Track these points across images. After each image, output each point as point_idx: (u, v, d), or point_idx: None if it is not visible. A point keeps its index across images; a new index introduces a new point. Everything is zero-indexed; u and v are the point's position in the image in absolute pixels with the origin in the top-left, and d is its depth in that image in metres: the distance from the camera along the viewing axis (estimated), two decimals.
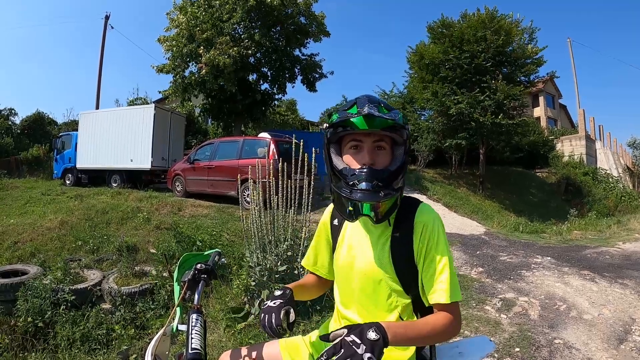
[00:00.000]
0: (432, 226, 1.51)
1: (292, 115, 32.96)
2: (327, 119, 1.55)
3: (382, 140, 1.48)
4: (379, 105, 1.43)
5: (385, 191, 1.42)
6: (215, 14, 17.47)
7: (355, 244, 1.64)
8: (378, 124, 1.39)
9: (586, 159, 29.46)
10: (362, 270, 1.58)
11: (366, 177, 1.41)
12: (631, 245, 9.30)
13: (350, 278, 1.63)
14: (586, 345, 4.26)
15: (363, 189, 1.41)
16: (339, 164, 1.51)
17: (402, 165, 1.48)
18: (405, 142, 1.50)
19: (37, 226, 9.13)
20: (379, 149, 1.48)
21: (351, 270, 1.62)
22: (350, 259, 1.64)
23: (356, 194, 1.41)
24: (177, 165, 14.30)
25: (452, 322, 1.41)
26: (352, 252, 1.64)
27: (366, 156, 1.46)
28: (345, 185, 1.45)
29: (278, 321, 1.44)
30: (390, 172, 1.46)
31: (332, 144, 1.55)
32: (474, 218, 15.23)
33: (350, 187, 1.43)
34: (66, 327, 5.44)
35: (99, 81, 27.02)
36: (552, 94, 43.25)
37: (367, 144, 1.47)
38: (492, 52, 19.79)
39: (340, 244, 1.71)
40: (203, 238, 6.94)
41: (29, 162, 23.06)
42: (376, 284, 1.56)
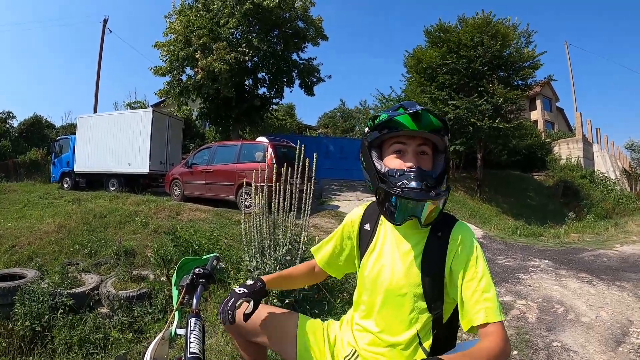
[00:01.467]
0: (471, 243, 1.48)
1: (290, 119, 32.99)
2: (370, 122, 1.53)
3: (426, 145, 1.48)
4: (426, 110, 1.43)
5: (435, 190, 1.42)
6: (213, 18, 17.47)
7: (385, 254, 1.61)
8: (425, 124, 1.41)
9: (583, 161, 29.51)
10: (389, 281, 1.55)
11: (415, 177, 1.41)
12: (629, 247, 9.31)
13: (375, 289, 1.59)
14: (584, 347, 4.26)
15: (414, 188, 1.40)
16: (383, 168, 1.50)
17: (442, 172, 1.50)
18: (446, 149, 1.51)
19: (35, 230, 9.13)
20: (422, 153, 1.49)
21: (377, 280, 1.59)
22: (378, 269, 1.60)
23: (408, 193, 1.39)
24: (175, 170, 14.31)
25: (505, 343, 1.32)
26: (381, 262, 1.60)
27: (412, 159, 1.47)
28: (394, 186, 1.43)
29: (232, 307, 1.49)
30: (439, 175, 1.48)
31: (373, 148, 1.55)
32: (471, 222, 15.22)
33: (401, 187, 1.41)
34: (64, 331, 5.43)
35: (97, 85, 27.06)
36: (549, 97, 43.35)
37: (412, 147, 1.48)
38: (489, 57, 19.85)
39: (370, 252, 1.66)
40: (201, 242, 6.93)
41: (26, 165, 23.05)
42: (401, 297, 1.52)
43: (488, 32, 20.01)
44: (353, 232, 1.77)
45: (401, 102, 1.52)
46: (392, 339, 1.53)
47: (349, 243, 1.79)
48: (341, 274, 1.89)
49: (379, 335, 1.56)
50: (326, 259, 1.86)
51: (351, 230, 1.78)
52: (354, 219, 1.79)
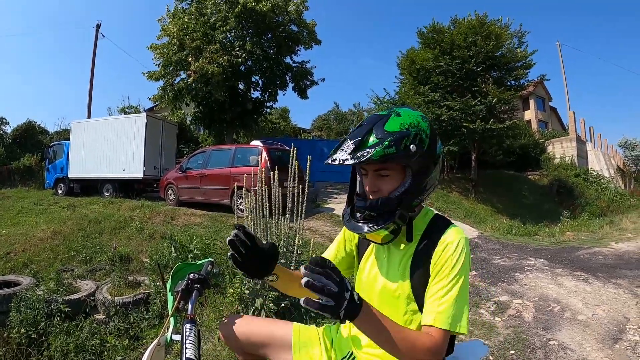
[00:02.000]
0: (456, 247, 1.44)
1: (284, 122, 33.02)
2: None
3: (383, 169, 1.46)
4: (365, 136, 1.39)
5: (374, 223, 1.45)
6: (207, 22, 17.47)
7: (379, 259, 1.63)
8: (372, 160, 1.36)
9: (577, 160, 29.61)
10: (383, 284, 1.57)
11: (359, 207, 1.51)
12: (624, 245, 9.35)
13: (371, 291, 1.61)
14: (581, 345, 4.28)
15: (355, 219, 1.53)
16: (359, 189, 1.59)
17: (407, 189, 1.46)
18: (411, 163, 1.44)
19: (30, 236, 9.10)
20: (382, 176, 1.47)
21: (374, 284, 1.61)
22: (375, 273, 1.63)
23: (348, 224, 1.54)
24: (170, 174, 14.25)
25: (428, 348, 1.32)
26: (377, 265, 1.63)
27: (369, 184, 1.49)
28: (347, 211, 1.58)
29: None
30: (390, 199, 1.45)
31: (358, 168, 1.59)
32: (466, 222, 15.28)
33: (349, 215, 1.56)
34: (60, 338, 5.41)
35: (90, 90, 26.97)
36: (542, 97, 43.50)
37: (370, 171, 1.49)
38: (483, 57, 19.92)
39: (368, 256, 1.69)
40: (197, 247, 6.92)
41: (20, 171, 22.95)
42: (395, 299, 1.54)
43: (481, 32, 20.08)
44: (355, 237, 1.79)
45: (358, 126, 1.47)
46: None
47: (350, 247, 1.80)
48: None
49: None
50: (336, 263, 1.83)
51: (353, 235, 1.80)
52: None
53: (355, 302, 1.17)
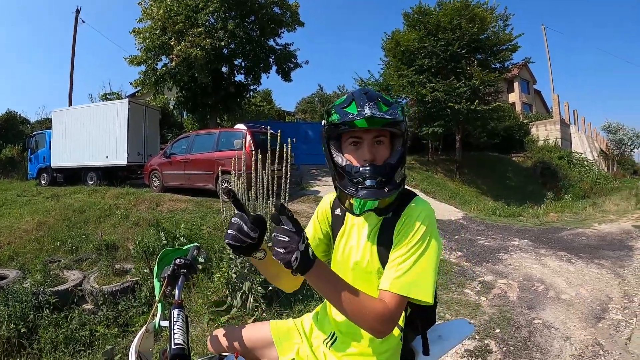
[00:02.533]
0: (417, 216, 1.46)
1: (268, 105, 32.85)
2: (325, 116, 1.54)
3: (382, 135, 1.48)
4: (377, 102, 1.42)
5: (389, 187, 1.44)
6: (189, 4, 17.27)
7: (353, 235, 1.64)
8: (377, 123, 1.40)
9: (561, 142, 29.91)
10: (355, 260, 1.59)
11: (370, 174, 1.43)
12: (606, 226, 9.49)
13: (346, 269, 1.62)
14: (564, 324, 4.35)
15: (368, 186, 1.43)
16: (341, 161, 1.51)
17: (401, 157, 1.50)
18: (403, 134, 1.50)
19: (14, 229, 9.00)
20: (378, 143, 1.48)
21: (347, 262, 1.62)
22: (348, 251, 1.63)
23: (362, 192, 1.43)
24: (154, 160, 14.17)
25: (380, 312, 1.33)
26: (350, 243, 1.64)
27: (366, 152, 1.46)
28: (350, 183, 1.47)
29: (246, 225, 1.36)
30: (391, 165, 1.47)
31: (332, 140, 1.55)
32: (451, 203, 15.38)
33: (355, 185, 1.45)
34: (49, 330, 5.38)
35: (71, 77, 26.58)
36: (526, 80, 43.74)
37: (367, 140, 1.47)
38: (467, 40, 19.96)
39: (341, 235, 1.69)
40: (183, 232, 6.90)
41: (2, 163, 22.61)
42: (367, 274, 1.55)
43: (466, 15, 20.09)
44: (328, 218, 1.79)
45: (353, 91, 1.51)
46: None
47: (325, 228, 1.79)
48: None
49: None
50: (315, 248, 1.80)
51: (325, 216, 1.79)
52: (325, 206, 1.81)
53: (308, 257, 1.21)
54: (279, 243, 1.17)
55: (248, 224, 1.33)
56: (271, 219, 1.21)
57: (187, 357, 1.27)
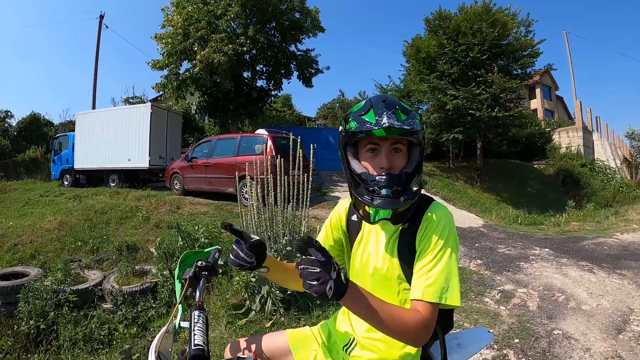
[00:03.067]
0: (438, 222, 1.48)
1: (289, 110, 32.97)
2: (343, 123, 1.54)
3: (399, 143, 1.48)
4: (396, 111, 1.42)
5: (404, 196, 1.44)
6: (210, 11, 17.44)
7: (371, 241, 1.63)
8: (394, 132, 1.40)
9: (583, 150, 29.49)
10: (374, 266, 1.58)
11: (386, 183, 1.43)
12: (629, 235, 9.33)
13: (364, 276, 1.62)
14: (585, 335, 4.29)
15: (384, 196, 1.42)
16: (358, 168, 1.51)
17: (417, 166, 1.49)
18: (421, 142, 1.50)
19: (37, 228, 9.15)
20: (396, 151, 1.49)
21: (366, 268, 1.62)
22: (366, 257, 1.63)
23: (377, 201, 1.43)
24: (175, 164, 14.31)
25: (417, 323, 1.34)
26: (368, 249, 1.63)
27: (384, 160, 1.47)
28: (365, 191, 1.47)
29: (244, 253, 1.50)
30: (408, 174, 1.47)
31: (349, 146, 1.55)
32: (472, 211, 15.25)
33: (371, 194, 1.45)
34: (68, 327, 5.46)
35: (94, 81, 26.95)
36: (548, 86, 43.27)
37: (385, 147, 1.47)
38: (488, 45, 19.80)
39: (359, 242, 1.69)
40: (203, 235, 6.95)
41: (26, 164, 23.01)
42: (387, 281, 1.56)
43: (487, 20, 19.95)
44: (342, 224, 1.79)
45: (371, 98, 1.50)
46: None
47: (338, 234, 1.80)
48: None
49: None
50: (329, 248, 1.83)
51: (339, 223, 1.79)
52: (340, 212, 1.81)
53: (341, 282, 1.20)
54: (311, 275, 1.16)
55: (244, 250, 1.47)
56: (298, 250, 1.20)
57: (206, 358, 1.28)
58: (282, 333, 1.85)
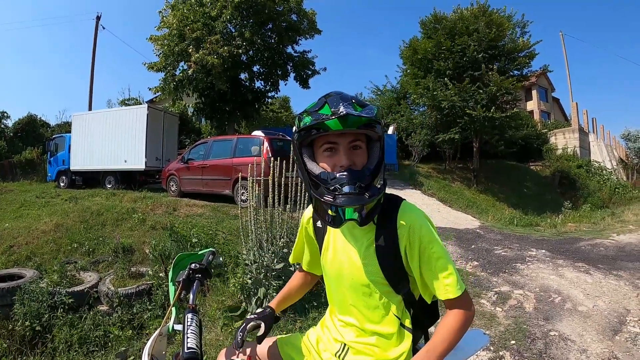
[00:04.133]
0: (420, 226, 1.47)
1: (286, 112, 32.96)
2: (297, 122, 1.48)
3: (358, 140, 1.43)
4: (352, 103, 1.36)
5: (369, 192, 1.37)
6: (206, 12, 17.45)
7: (340, 249, 1.60)
8: (352, 123, 1.34)
9: (580, 151, 29.55)
10: (351, 275, 1.56)
11: (348, 180, 1.35)
12: (625, 236, 9.35)
13: (341, 283, 1.61)
14: (581, 336, 4.29)
15: (347, 193, 1.35)
16: (315, 169, 1.44)
17: (379, 162, 1.44)
18: (380, 138, 1.45)
19: (32, 229, 9.12)
20: (355, 148, 1.43)
21: (341, 276, 1.60)
22: (337, 265, 1.60)
23: (340, 199, 1.35)
24: (171, 165, 14.29)
25: (466, 314, 1.46)
26: (339, 258, 1.60)
27: (343, 158, 1.40)
28: (326, 191, 1.38)
29: (242, 330, 1.65)
30: (371, 170, 1.41)
31: (304, 148, 1.49)
32: (468, 212, 15.26)
33: (333, 193, 1.37)
34: (64, 330, 5.44)
35: (91, 82, 26.95)
36: (545, 88, 43.40)
37: (343, 145, 1.41)
38: (485, 46, 19.84)
39: (327, 248, 1.66)
40: (199, 237, 6.94)
41: (22, 165, 22.97)
42: (366, 287, 1.54)
43: (483, 20, 19.99)
44: (310, 231, 1.78)
45: (327, 95, 1.45)
46: (375, 327, 1.56)
47: (310, 241, 1.82)
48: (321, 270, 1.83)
49: (363, 327, 1.58)
50: (307, 260, 1.90)
51: (308, 230, 1.79)
52: (307, 219, 1.79)
53: None
54: None
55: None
56: None
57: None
58: (272, 340, 1.84)
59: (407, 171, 21.61)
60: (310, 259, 1.87)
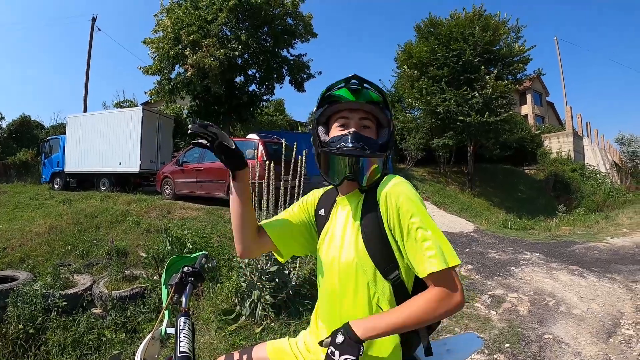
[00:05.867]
0: (398, 193, 1.41)
1: (281, 116, 32.93)
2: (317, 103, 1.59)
3: (368, 119, 1.52)
4: (366, 81, 1.49)
5: (370, 150, 1.46)
6: (201, 15, 17.46)
7: (336, 236, 1.60)
8: (363, 96, 1.47)
9: (574, 155, 29.70)
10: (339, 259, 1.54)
11: (352, 138, 1.46)
12: (619, 240, 9.39)
13: (331, 270, 1.58)
14: (575, 339, 4.30)
15: (350, 147, 1.45)
16: (325, 138, 1.57)
17: (386, 142, 1.52)
18: (389, 123, 1.53)
19: (26, 231, 9.07)
20: (364, 127, 1.52)
21: (333, 262, 1.57)
22: (332, 254, 1.58)
23: (343, 149, 1.46)
24: (166, 168, 14.23)
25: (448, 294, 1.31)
26: (334, 244, 1.59)
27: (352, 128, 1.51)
28: (333, 149, 1.50)
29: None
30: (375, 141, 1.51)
31: (321, 125, 1.60)
32: (463, 216, 15.31)
33: (337, 147, 1.49)
34: (57, 332, 5.42)
35: (86, 84, 26.83)
36: (539, 92, 43.59)
37: (354, 119, 1.51)
38: (480, 50, 19.90)
39: (324, 237, 1.66)
40: (193, 240, 6.92)
41: (16, 166, 22.82)
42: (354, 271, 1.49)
43: (479, 24, 20.04)
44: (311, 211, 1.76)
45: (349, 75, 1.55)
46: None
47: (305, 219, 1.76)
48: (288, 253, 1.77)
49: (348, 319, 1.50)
50: (277, 231, 1.73)
51: (310, 209, 1.77)
52: (312, 200, 1.78)
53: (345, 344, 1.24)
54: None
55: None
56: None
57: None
58: (262, 346, 1.81)
59: (402, 174, 21.54)
60: (282, 232, 1.73)
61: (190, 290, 1.58)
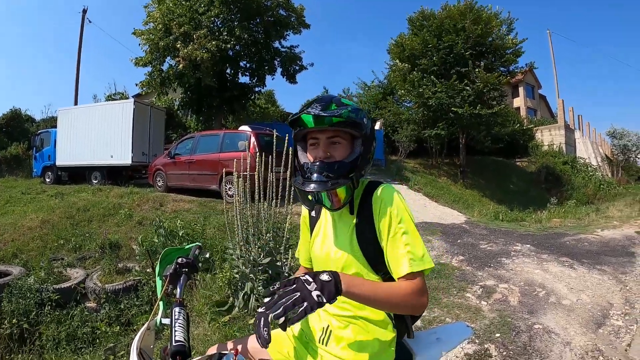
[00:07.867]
0: (391, 200, 1.52)
1: (272, 107, 32.81)
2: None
3: (337, 136, 1.55)
4: (328, 104, 1.51)
5: (333, 181, 1.50)
6: (192, 6, 17.36)
7: (328, 235, 1.68)
8: (326, 121, 1.48)
9: (565, 148, 29.84)
10: (334, 258, 1.61)
11: (317, 169, 1.52)
12: (609, 232, 9.45)
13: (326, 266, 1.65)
14: (565, 330, 4.35)
15: (313, 180, 1.52)
16: (302, 160, 1.63)
17: (358, 157, 1.55)
18: (362, 135, 1.55)
19: (18, 226, 9.05)
20: (334, 143, 1.56)
21: (327, 260, 1.65)
22: (326, 250, 1.67)
23: (307, 185, 1.52)
24: (158, 160, 14.18)
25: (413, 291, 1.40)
26: (327, 243, 1.67)
27: (321, 151, 1.56)
28: (301, 179, 1.57)
29: (266, 327, 1.45)
30: (344, 163, 1.53)
31: (299, 142, 1.67)
32: (454, 207, 15.34)
33: (304, 180, 1.55)
34: (51, 327, 5.43)
35: (77, 76, 26.66)
36: (531, 85, 43.67)
37: (322, 140, 1.56)
38: (472, 43, 19.90)
39: (316, 235, 1.75)
40: (186, 232, 6.93)
41: (7, 161, 22.65)
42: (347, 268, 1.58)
43: (470, 17, 20.03)
44: (306, 220, 1.87)
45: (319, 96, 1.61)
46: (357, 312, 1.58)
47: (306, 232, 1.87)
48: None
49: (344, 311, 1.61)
50: (306, 256, 1.91)
51: (305, 223, 1.88)
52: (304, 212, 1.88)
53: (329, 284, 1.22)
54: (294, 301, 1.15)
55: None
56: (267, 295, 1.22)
57: (187, 354, 1.29)
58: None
59: (394, 166, 21.67)
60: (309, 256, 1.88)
61: (185, 281, 1.61)
